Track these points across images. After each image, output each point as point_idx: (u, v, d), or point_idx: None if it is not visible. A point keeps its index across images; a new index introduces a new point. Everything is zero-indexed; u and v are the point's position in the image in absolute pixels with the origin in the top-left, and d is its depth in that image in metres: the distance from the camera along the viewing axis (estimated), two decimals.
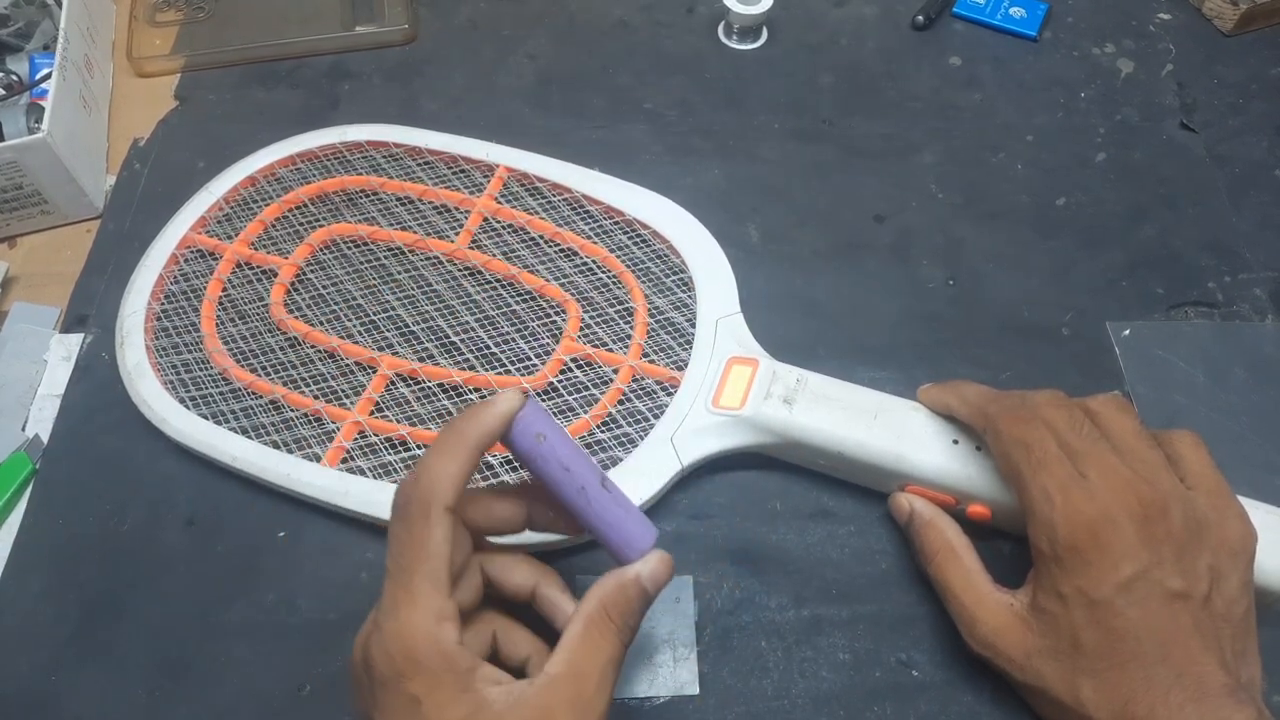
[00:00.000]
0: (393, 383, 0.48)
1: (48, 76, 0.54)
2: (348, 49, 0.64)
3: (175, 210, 0.54)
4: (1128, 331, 0.51)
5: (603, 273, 0.51)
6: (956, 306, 0.51)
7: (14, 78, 0.57)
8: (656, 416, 0.45)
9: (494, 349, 0.48)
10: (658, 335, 0.48)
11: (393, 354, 0.48)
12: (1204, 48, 0.63)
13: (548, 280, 0.50)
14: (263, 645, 0.41)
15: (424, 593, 0.30)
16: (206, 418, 0.46)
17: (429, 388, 0.47)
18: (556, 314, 0.50)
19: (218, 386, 0.48)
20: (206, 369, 0.48)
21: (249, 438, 0.45)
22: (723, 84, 0.62)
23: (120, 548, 0.44)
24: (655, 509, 0.44)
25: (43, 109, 0.52)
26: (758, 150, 0.58)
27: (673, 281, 0.50)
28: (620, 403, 0.46)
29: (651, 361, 0.47)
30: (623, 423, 0.45)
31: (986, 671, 0.39)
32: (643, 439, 0.44)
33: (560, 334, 0.48)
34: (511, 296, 0.50)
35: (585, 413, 0.46)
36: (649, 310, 0.49)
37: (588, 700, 0.30)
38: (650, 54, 0.64)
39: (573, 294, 0.50)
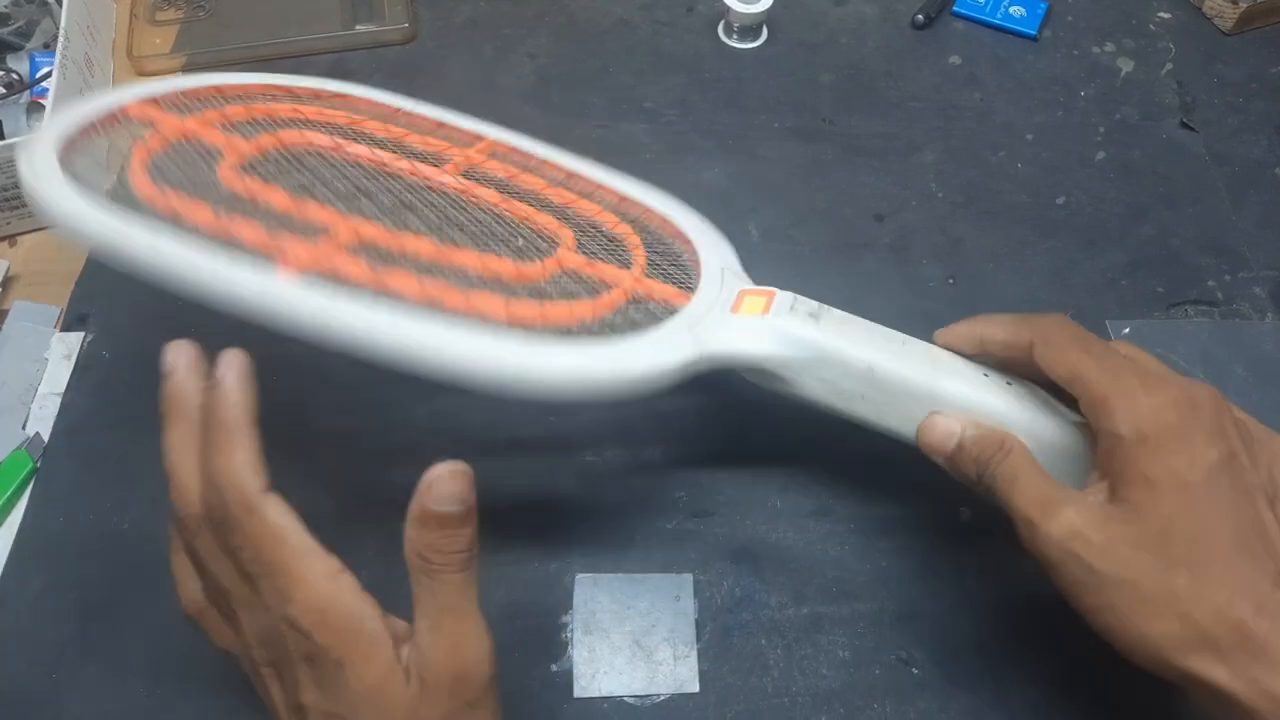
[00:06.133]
0: (355, 247, 0.38)
1: (48, 75, 0.54)
2: (348, 48, 0.64)
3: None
4: (1128, 330, 0.51)
5: (596, 225, 0.44)
6: (956, 305, 0.51)
7: (14, 76, 0.57)
8: (672, 314, 0.40)
9: (479, 242, 0.41)
10: (661, 266, 0.43)
11: (358, 218, 0.39)
12: (1204, 47, 0.64)
13: (539, 209, 0.43)
14: None
15: (301, 566, 0.29)
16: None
17: (401, 250, 0.39)
18: (549, 242, 0.42)
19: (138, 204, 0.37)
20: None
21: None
22: (723, 83, 0.62)
23: (121, 546, 0.44)
24: (652, 500, 0.44)
25: (43, 108, 0.52)
26: (758, 149, 0.58)
27: (672, 240, 0.45)
28: (625, 307, 0.40)
29: (658, 279, 0.42)
30: (634, 314, 0.40)
31: (986, 670, 0.39)
32: (663, 321, 0.39)
33: (556, 248, 0.42)
34: (495, 216, 0.43)
35: (589, 299, 0.40)
36: (647, 260, 0.43)
37: (455, 645, 0.30)
38: (650, 53, 0.64)
39: (567, 224, 0.43)
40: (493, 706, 0.31)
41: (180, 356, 0.32)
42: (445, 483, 0.30)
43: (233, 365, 0.31)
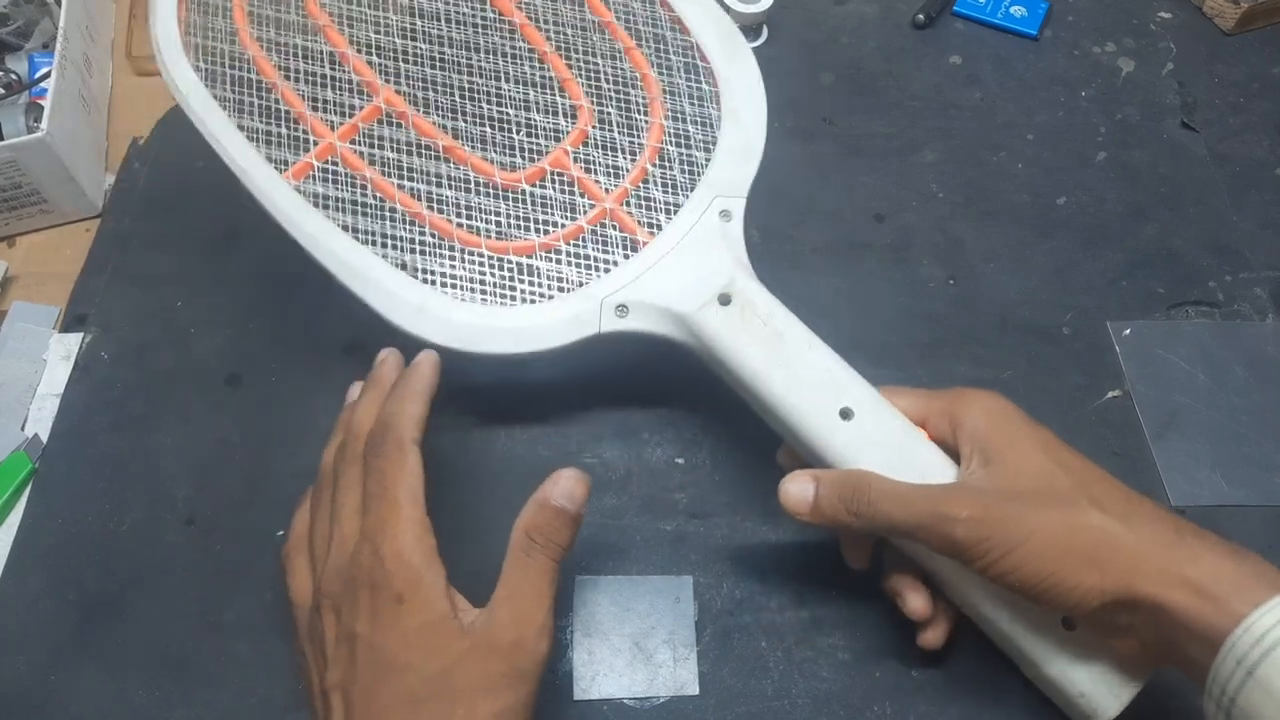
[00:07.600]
0: (383, 118, 0.45)
1: (47, 75, 0.54)
2: None
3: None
4: (1128, 331, 0.51)
5: (633, 89, 0.47)
6: (957, 306, 0.51)
7: (13, 77, 0.57)
8: (601, 269, 0.43)
9: (490, 126, 0.46)
10: (652, 184, 0.45)
11: (394, 87, 0.46)
12: (1205, 46, 0.63)
13: (574, 75, 0.47)
14: (263, 645, 0.41)
15: (407, 507, 0.34)
16: (203, 80, 0.45)
17: (409, 141, 0.45)
18: (566, 116, 0.47)
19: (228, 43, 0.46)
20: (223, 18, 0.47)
21: (238, 114, 0.45)
22: None
23: (119, 547, 0.44)
24: (652, 501, 0.44)
25: (42, 108, 0.52)
26: None
27: (695, 119, 0.47)
28: (575, 240, 0.44)
29: (629, 212, 0.45)
30: (565, 260, 0.44)
31: (986, 671, 0.39)
32: (575, 289, 0.43)
33: (559, 138, 0.46)
34: (533, 73, 0.47)
35: (538, 235, 0.44)
36: (658, 153, 0.46)
37: (526, 615, 0.34)
38: None
39: (591, 100, 0.47)
40: (533, 691, 0.33)
41: (390, 355, 0.41)
42: (569, 481, 0.35)
43: (430, 357, 0.39)
